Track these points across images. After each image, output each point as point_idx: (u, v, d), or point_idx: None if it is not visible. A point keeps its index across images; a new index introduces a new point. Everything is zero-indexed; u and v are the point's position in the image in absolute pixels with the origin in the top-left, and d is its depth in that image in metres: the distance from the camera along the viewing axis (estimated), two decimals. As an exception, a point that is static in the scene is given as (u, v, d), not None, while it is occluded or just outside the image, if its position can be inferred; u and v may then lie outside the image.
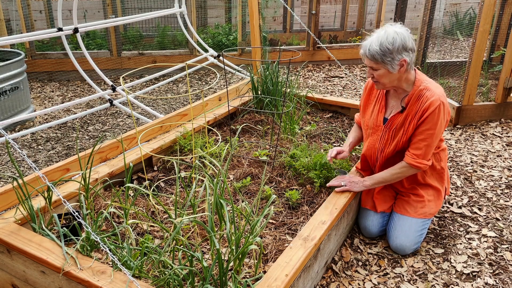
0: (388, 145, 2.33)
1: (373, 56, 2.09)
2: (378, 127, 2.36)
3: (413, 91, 2.21)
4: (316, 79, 5.79)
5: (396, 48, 2.06)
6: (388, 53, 2.06)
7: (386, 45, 2.06)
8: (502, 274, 2.22)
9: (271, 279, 1.68)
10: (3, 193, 2.13)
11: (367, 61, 2.15)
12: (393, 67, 2.10)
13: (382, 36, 2.08)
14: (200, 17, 6.72)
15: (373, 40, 2.10)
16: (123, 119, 4.47)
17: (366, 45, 2.12)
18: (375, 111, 2.39)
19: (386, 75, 2.14)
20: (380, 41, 2.07)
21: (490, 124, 4.03)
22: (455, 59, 6.05)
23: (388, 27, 2.13)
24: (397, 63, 2.09)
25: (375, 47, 2.07)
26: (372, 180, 2.34)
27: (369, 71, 2.19)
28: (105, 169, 2.54)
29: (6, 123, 3.15)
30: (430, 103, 2.14)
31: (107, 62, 5.73)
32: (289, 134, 3.21)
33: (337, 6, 7.89)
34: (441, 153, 2.42)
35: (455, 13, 7.88)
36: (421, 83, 2.21)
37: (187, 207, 2.04)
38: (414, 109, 2.20)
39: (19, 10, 5.41)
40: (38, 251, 1.80)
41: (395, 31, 2.08)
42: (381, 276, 2.21)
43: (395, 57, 2.08)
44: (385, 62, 2.09)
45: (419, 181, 2.40)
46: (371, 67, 2.15)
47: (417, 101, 2.19)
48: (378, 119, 2.37)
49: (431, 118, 2.15)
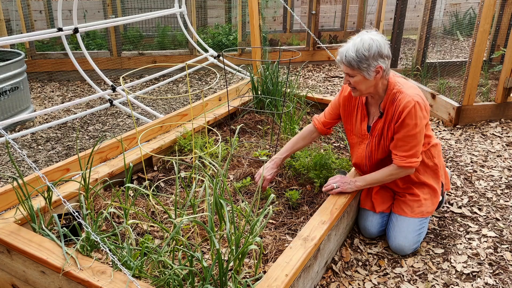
0: (375, 151, 2.34)
1: (350, 62, 2.10)
2: (364, 135, 2.38)
3: (387, 95, 2.23)
4: (316, 79, 5.79)
5: (372, 55, 2.07)
6: (364, 59, 2.07)
7: (362, 52, 2.06)
8: (502, 274, 2.22)
9: (271, 279, 1.68)
10: (3, 193, 2.13)
11: (344, 68, 2.16)
12: (369, 73, 2.11)
13: (358, 43, 2.09)
14: (200, 17, 6.72)
15: (349, 47, 2.11)
16: (123, 119, 4.47)
17: (342, 52, 2.13)
18: (358, 120, 2.39)
19: (363, 82, 2.15)
20: (356, 48, 2.08)
21: (490, 124, 4.03)
22: (455, 59, 6.05)
23: (364, 34, 2.14)
24: (373, 69, 2.10)
25: (352, 53, 2.08)
26: (364, 182, 2.33)
27: (345, 78, 2.20)
28: (105, 169, 2.54)
29: (6, 123, 3.15)
30: (404, 105, 2.14)
31: (107, 62, 5.74)
32: (289, 134, 3.21)
33: (337, 6, 7.89)
34: (431, 149, 2.40)
35: (455, 13, 7.88)
36: (394, 86, 2.21)
37: (187, 207, 2.04)
38: (390, 112, 2.22)
39: (19, 10, 5.41)
40: (38, 251, 1.80)
41: (371, 38, 2.09)
42: (381, 276, 2.21)
43: (371, 64, 2.09)
44: (361, 69, 2.10)
45: (414, 180, 2.40)
46: (347, 73, 2.17)
47: (392, 105, 2.21)
48: (362, 128, 2.37)
49: (409, 120, 2.15)
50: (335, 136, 3.29)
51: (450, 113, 4.04)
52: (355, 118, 2.41)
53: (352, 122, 2.44)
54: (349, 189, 2.32)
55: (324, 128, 2.57)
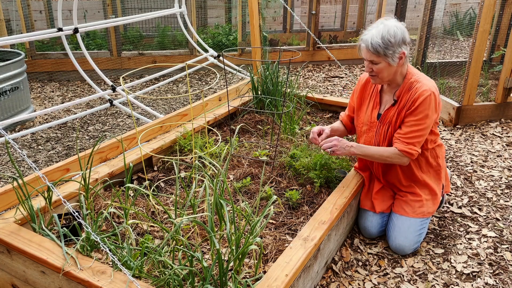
0: (383, 139, 2.33)
1: (376, 49, 2.11)
2: (373, 123, 2.37)
3: (404, 83, 2.24)
4: (316, 79, 5.79)
5: (397, 41, 2.10)
6: (390, 46, 2.09)
7: (388, 38, 2.08)
8: (502, 274, 2.22)
9: (271, 279, 1.68)
10: (3, 193, 2.13)
11: (368, 55, 2.16)
12: (394, 60, 2.13)
13: (383, 29, 2.10)
14: (200, 17, 6.72)
15: (374, 33, 2.11)
16: (123, 119, 4.47)
17: (367, 39, 2.13)
18: (370, 108, 2.40)
19: (386, 69, 2.17)
20: (381, 35, 2.09)
21: (490, 124, 4.03)
22: (455, 59, 6.05)
23: (385, 21, 2.15)
24: (397, 56, 2.12)
25: (378, 40, 2.09)
26: (359, 150, 2.29)
27: (368, 66, 2.20)
28: (105, 169, 2.54)
29: (6, 123, 3.15)
30: (420, 92, 2.16)
31: (107, 62, 5.74)
32: (289, 134, 3.21)
33: (337, 6, 7.89)
34: (437, 149, 2.41)
35: (455, 13, 7.88)
36: (412, 76, 2.24)
37: (187, 207, 2.04)
38: (403, 100, 2.23)
39: (19, 10, 5.41)
40: (38, 251, 1.80)
41: (394, 25, 2.12)
42: (381, 276, 2.21)
43: (396, 50, 2.11)
44: (387, 55, 2.11)
45: (417, 178, 2.39)
46: (371, 60, 2.17)
47: (407, 93, 2.22)
48: (372, 115, 2.38)
49: (422, 107, 2.16)
50: (335, 136, 3.29)
51: (450, 113, 4.04)
52: (366, 106, 2.42)
53: (363, 110, 2.45)
54: (342, 153, 2.30)
55: (349, 122, 2.61)
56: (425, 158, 2.37)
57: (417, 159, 2.35)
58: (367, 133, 2.41)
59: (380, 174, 2.45)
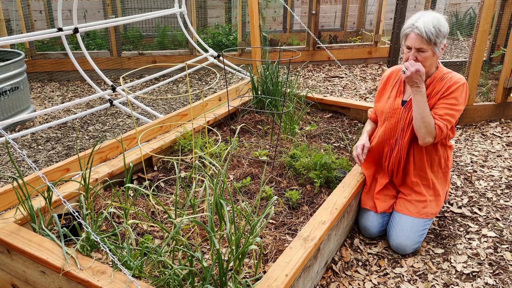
0: (408, 125, 2.34)
1: (429, 37, 2.14)
2: (396, 110, 2.39)
3: (436, 74, 2.30)
4: (316, 79, 5.79)
5: (445, 32, 2.17)
6: (440, 35, 2.15)
7: (439, 28, 2.14)
8: (502, 274, 2.22)
9: (271, 279, 1.68)
10: (3, 193, 2.13)
11: (419, 42, 2.16)
12: (439, 49, 2.20)
13: (434, 19, 2.15)
14: (200, 17, 6.72)
15: (426, 21, 2.15)
16: (123, 119, 4.47)
17: (419, 26, 2.15)
18: (392, 96, 2.43)
19: (430, 58, 2.21)
20: (433, 24, 2.14)
21: (490, 124, 4.03)
22: (455, 59, 6.05)
23: (432, 12, 2.20)
24: (442, 46, 2.20)
25: (432, 28, 2.13)
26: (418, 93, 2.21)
27: (413, 54, 2.21)
28: (105, 169, 2.54)
29: (6, 123, 3.15)
30: (455, 80, 2.24)
31: (107, 62, 5.74)
32: (289, 134, 3.21)
33: (337, 6, 7.89)
34: (448, 150, 2.46)
35: (455, 13, 7.88)
36: (443, 69, 2.32)
37: (187, 207, 2.04)
38: (436, 88, 2.27)
39: (19, 10, 5.41)
40: (38, 251, 1.80)
41: (442, 17, 2.19)
42: (381, 276, 2.21)
43: (442, 41, 2.18)
44: (436, 44, 2.16)
45: (426, 175, 2.40)
46: (419, 48, 2.18)
47: (440, 81, 2.27)
48: (396, 102, 2.40)
49: (457, 92, 2.22)
50: (335, 136, 3.29)
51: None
52: (388, 95, 2.46)
53: (384, 99, 2.48)
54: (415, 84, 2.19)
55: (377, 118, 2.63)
56: (439, 157, 2.41)
57: (431, 156, 2.38)
58: (389, 120, 2.42)
59: (396, 164, 2.42)
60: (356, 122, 3.58)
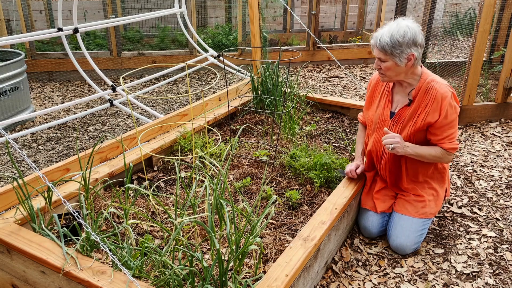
0: None
1: (383, 47, 2.12)
2: (385, 122, 2.37)
3: (420, 84, 2.24)
4: (316, 79, 5.79)
5: (406, 42, 2.10)
6: (397, 45, 2.10)
7: (397, 38, 2.09)
8: (502, 274, 2.22)
9: (271, 279, 1.68)
10: (3, 193, 2.13)
11: (377, 52, 2.18)
12: (401, 60, 2.14)
13: (394, 28, 2.11)
14: (200, 17, 6.72)
15: (385, 31, 2.13)
16: (123, 119, 4.47)
17: (377, 36, 2.15)
18: (381, 106, 2.40)
19: (393, 68, 2.18)
20: (391, 33, 2.10)
21: (490, 124, 4.03)
22: (455, 59, 6.05)
23: (401, 20, 2.16)
24: (405, 56, 2.13)
25: (386, 38, 2.11)
26: (412, 150, 2.25)
27: (376, 62, 2.22)
28: (105, 169, 2.54)
29: (6, 123, 3.15)
30: (443, 95, 2.17)
31: (107, 62, 5.74)
32: (289, 134, 3.21)
33: (337, 6, 7.89)
34: None
35: (455, 13, 7.87)
36: (427, 77, 2.25)
37: (187, 207, 2.04)
38: (424, 101, 2.23)
39: (19, 10, 5.41)
40: (38, 251, 1.80)
41: (407, 25, 2.12)
42: (381, 276, 2.21)
43: (404, 51, 2.11)
44: (393, 55, 2.12)
45: (422, 179, 2.40)
46: (379, 58, 2.19)
47: (426, 94, 2.22)
48: (384, 113, 2.38)
49: (450, 109, 2.19)
50: (335, 136, 3.29)
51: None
52: (377, 104, 2.43)
53: (373, 108, 2.46)
54: (401, 152, 2.25)
55: None
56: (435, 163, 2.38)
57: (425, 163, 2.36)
58: (378, 131, 2.41)
59: (387, 174, 2.44)
60: (356, 122, 3.58)
